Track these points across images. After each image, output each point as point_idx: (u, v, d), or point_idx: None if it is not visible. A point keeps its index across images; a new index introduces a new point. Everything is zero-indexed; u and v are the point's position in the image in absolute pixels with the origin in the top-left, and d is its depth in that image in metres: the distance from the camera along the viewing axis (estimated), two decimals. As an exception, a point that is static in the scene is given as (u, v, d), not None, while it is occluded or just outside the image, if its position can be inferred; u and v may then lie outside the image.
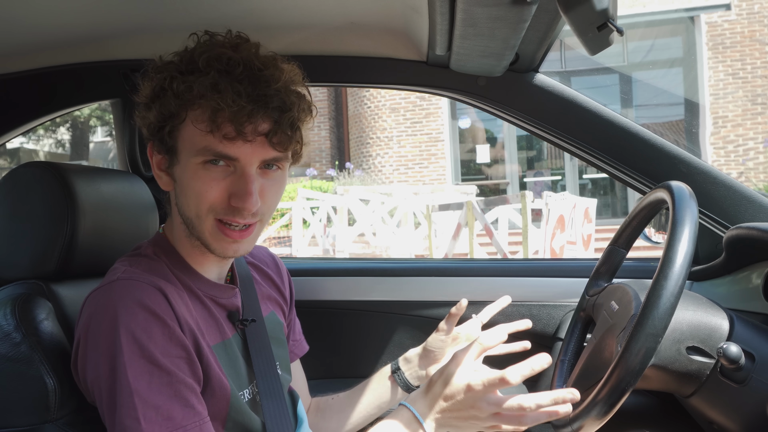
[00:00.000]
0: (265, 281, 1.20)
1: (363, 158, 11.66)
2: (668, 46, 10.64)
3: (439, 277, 1.61)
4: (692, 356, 0.97)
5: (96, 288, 0.90)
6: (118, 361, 0.83)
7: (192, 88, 0.88)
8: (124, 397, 0.83)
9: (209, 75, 0.88)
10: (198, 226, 0.93)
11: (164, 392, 0.84)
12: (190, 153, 0.91)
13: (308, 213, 8.72)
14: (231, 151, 0.89)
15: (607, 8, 0.83)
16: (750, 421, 0.93)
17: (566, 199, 6.79)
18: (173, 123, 0.91)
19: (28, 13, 1.14)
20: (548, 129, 1.37)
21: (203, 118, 0.88)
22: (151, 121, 0.94)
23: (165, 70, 0.92)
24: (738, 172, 9.75)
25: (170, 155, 0.94)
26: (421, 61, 1.38)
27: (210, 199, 0.91)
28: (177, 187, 0.95)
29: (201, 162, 0.90)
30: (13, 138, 1.50)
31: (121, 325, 0.84)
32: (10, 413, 0.89)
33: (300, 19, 1.28)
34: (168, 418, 0.84)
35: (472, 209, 6.73)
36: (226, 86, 0.87)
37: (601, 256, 1.23)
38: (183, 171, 0.93)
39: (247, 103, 0.87)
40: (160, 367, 0.85)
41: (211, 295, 1.00)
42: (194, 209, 0.92)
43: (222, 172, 0.91)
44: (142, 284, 0.88)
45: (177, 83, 0.89)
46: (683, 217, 0.88)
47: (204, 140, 0.89)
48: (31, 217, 1.02)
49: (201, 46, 0.93)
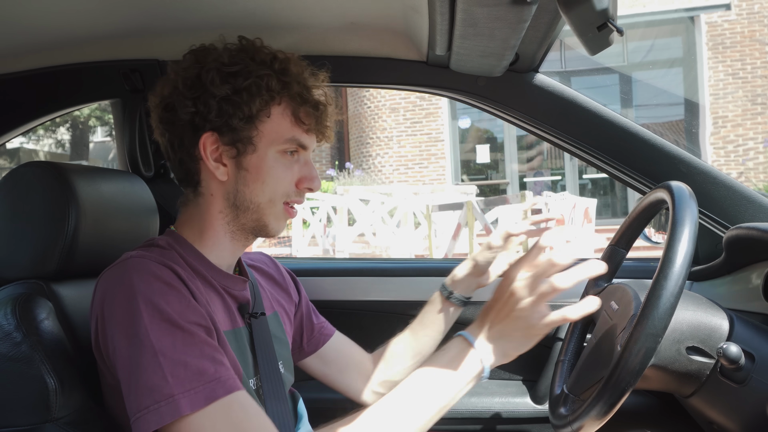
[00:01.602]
0: (268, 283, 1.23)
1: (363, 158, 11.66)
2: (668, 46, 10.64)
3: (439, 278, 1.60)
4: (692, 356, 0.97)
5: (108, 268, 0.92)
6: (138, 327, 0.84)
7: (287, 86, 0.99)
8: (147, 358, 0.82)
9: (292, 75, 1.00)
10: (266, 209, 1.01)
11: (190, 351, 0.84)
12: (273, 143, 1.00)
13: (308, 213, 8.71)
14: (307, 141, 1.03)
15: (607, 8, 0.83)
16: (750, 421, 0.93)
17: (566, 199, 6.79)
18: (262, 116, 0.99)
19: (28, 13, 1.14)
20: (548, 129, 1.37)
21: (288, 111, 1.00)
22: (242, 114, 0.97)
23: (244, 65, 0.98)
24: (738, 172, 9.75)
25: (243, 145, 0.99)
26: (421, 61, 1.38)
27: (286, 184, 1.01)
28: (246, 175, 1.00)
29: (281, 151, 1.00)
30: (13, 138, 1.50)
31: (138, 294, 0.86)
32: (10, 413, 0.89)
33: (300, 19, 1.29)
34: (199, 373, 0.83)
35: (472, 209, 6.73)
36: (307, 88, 1.01)
37: (601, 257, 1.23)
38: (261, 159, 1.00)
39: (324, 101, 1.03)
40: (182, 328, 0.85)
41: (224, 285, 1.03)
42: (270, 194, 1.01)
43: (294, 161, 1.03)
44: (155, 263, 0.91)
45: (273, 81, 0.98)
46: (683, 217, 0.89)
47: (291, 131, 1.01)
48: (32, 217, 1.02)
49: (259, 47, 1.01)
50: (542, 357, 1.54)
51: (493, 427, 1.50)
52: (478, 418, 1.50)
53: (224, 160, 1.00)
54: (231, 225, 1.03)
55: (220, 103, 0.97)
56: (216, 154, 0.99)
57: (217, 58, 0.98)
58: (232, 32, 1.05)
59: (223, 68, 0.97)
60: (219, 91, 0.96)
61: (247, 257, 1.24)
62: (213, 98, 0.96)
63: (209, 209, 1.02)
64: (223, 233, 1.03)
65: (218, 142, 0.99)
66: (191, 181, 1.03)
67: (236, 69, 0.97)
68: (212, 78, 0.96)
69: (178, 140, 1.00)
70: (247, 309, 1.06)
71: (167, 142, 1.02)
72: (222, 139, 0.98)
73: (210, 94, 0.96)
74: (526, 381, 1.59)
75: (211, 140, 0.98)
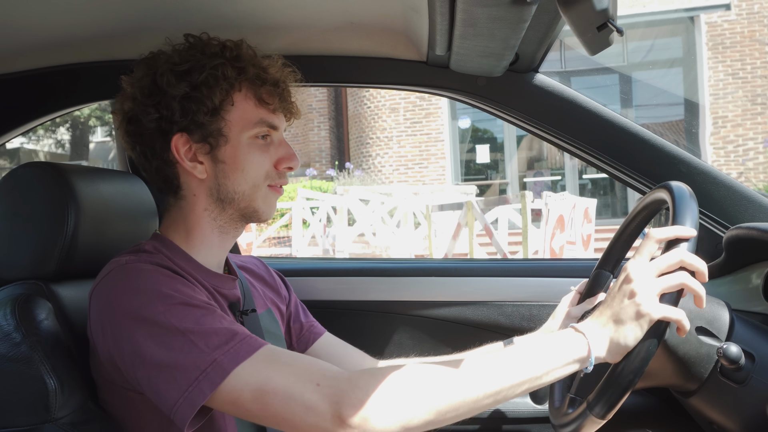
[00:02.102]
0: (258, 282, 1.24)
1: (363, 158, 11.66)
2: (668, 46, 10.64)
3: (439, 277, 1.61)
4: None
5: (101, 279, 0.92)
6: (158, 318, 0.84)
7: (244, 70, 0.99)
8: (178, 341, 0.83)
9: (246, 60, 1.00)
10: (252, 194, 1.02)
11: (215, 321, 0.86)
12: (243, 129, 1.00)
13: (308, 213, 8.72)
14: (276, 121, 1.04)
15: (607, 8, 0.83)
16: (750, 421, 0.93)
17: (566, 199, 6.79)
18: (226, 106, 0.99)
19: (28, 12, 1.14)
20: (548, 129, 1.37)
21: (251, 95, 1.01)
22: (205, 109, 0.97)
23: (196, 61, 0.98)
24: (738, 172, 9.75)
25: (214, 139, 0.99)
26: (421, 61, 1.38)
27: (266, 167, 1.02)
28: (224, 167, 1.00)
29: (253, 136, 1.01)
30: (13, 138, 1.50)
31: (146, 290, 0.87)
32: (10, 413, 0.89)
33: (300, 19, 1.28)
34: (232, 335, 0.84)
35: (472, 209, 6.73)
36: (263, 69, 1.01)
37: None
38: (236, 148, 1.00)
39: (283, 80, 1.03)
40: (198, 306, 0.87)
41: (214, 284, 1.03)
42: (251, 180, 1.01)
43: (268, 143, 1.03)
44: (149, 264, 0.92)
45: (228, 69, 0.98)
46: (683, 217, 0.89)
47: (257, 114, 1.01)
48: (31, 217, 1.02)
49: (205, 41, 1.01)
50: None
51: (492, 427, 1.50)
52: (478, 418, 1.50)
53: (199, 157, 1.00)
54: (218, 220, 1.03)
55: (182, 103, 0.97)
56: (190, 154, 1.00)
57: (167, 60, 0.99)
58: (232, 32, 1.05)
59: (175, 68, 0.98)
60: (177, 91, 0.96)
61: (237, 260, 1.24)
62: (173, 99, 0.97)
63: (194, 209, 1.03)
64: (210, 230, 1.03)
65: (189, 142, 0.99)
66: (171, 186, 1.03)
67: (189, 66, 0.98)
68: (167, 80, 0.97)
69: (149, 149, 1.01)
70: (237, 307, 1.06)
71: (140, 154, 1.02)
72: (192, 137, 0.99)
73: (170, 96, 0.97)
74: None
75: (182, 141, 0.99)
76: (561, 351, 0.86)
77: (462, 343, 1.59)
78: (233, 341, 0.83)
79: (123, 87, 1.02)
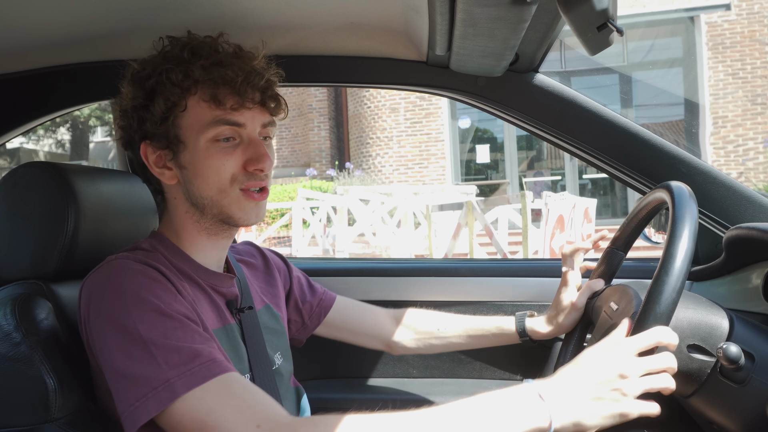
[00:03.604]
0: (256, 275, 1.24)
1: (363, 158, 11.65)
2: (668, 46, 10.63)
3: (439, 277, 1.61)
4: (693, 354, 0.97)
5: (92, 271, 0.93)
6: (127, 320, 0.84)
7: (191, 73, 0.95)
8: (139, 350, 0.82)
9: (200, 61, 0.96)
10: (221, 200, 0.99)
11: (182, 337, 0.84)
12: (199, 132, 0.97)
13: (308, 213, 8.71)
14: (238, 118, 0.98)
15: (607, 8, 0.83)
16: (750, 421, 0.93)
17: (566, 199, 6.79)
18: (176, 112, 0.96)
19: (27, 12, 1.14)
20: (548, 129, 1.37)
21: (205, 97, 0.96)
22: (154, 117, 0.97)
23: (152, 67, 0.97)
24: (738, 172, 9.75)
25: (174, 145, 0.98)
26: (421, 61, 1.38)
27: (230, 170, 0.98)
28: (187, 173, 0.99)
29: (211, 139, 0.97)
30: (12, 138, 1.50)
31: (125, 290, 0.86)
32: (10, 413, 0.89)
33: (300, 19, 1.28)
34: (194, 356, 0.83)
35: (472, 209, 6.73)
36: (218, 67, 0.96)
37: (600, 259, 1.23)
38: (194, 153, 0.97)
39: (242, 76, 0.96)
40: (171, 317, 0.86)
41: (211, 283, 1.03)
42: (216, 185, 0.98)
43: (231, 145, 0.98)
44: (139, 264, 0.92)
45: (174, 74, 0.95)
46: (683, 217, 0.89)
47: (212, 114, 0.97)
48: (31, 217, 1.02)
49: (176, 43, 0.99)
50: (542, 357, 1.54)
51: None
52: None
53: (167, 163, 1.00)
54: (201, 222, 1.03)
55: (138, 112, 0.98)
56: (160, 161, 1.00)
57: (134, 68, 1.00)
58: (231, 32, 1.05)
59: (136, 76, 0.99)
60: (135, 101, 0.98)
61: (234, 251, 1.25)
62: (133, 110, 0.99)
63: (177, 212, 1.04)
64: (197, 232, 1.03)
65: (156, 149, 1.00)
66: (157, 189, 1.06)
67: (146, 73, 0.98)
68: (128, 90, 0.99)
69: (135, 156, 1.03)
70: (235, 305, 1.07)
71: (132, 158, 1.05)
72: (155, 145, 1.00)
73: (131, 107, 0.99)
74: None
75: (150, 149, 1.00)
76: (522, 420, 0.79)
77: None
78: (192, 363, 0.82)
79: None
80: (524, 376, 1.59)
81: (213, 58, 0.97)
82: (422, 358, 1.58)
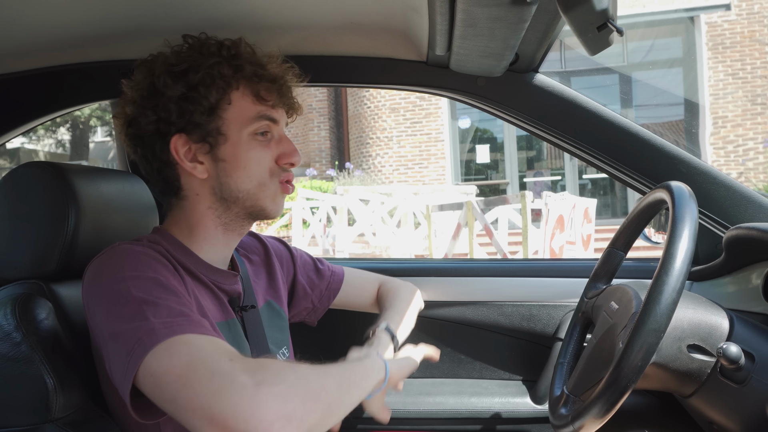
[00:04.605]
0: (258, 271, 1.23)
1: (363, 158, 11.65)
2: (668, 46, 10.63)
3: (439, 277, 1.61)
4: (693, 354, 0.97)
5: (95, 257, 0.93)
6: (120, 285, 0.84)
7: (242, 69, 0.99)
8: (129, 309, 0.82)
9: (247, 58, 1.01)
10: (258, 192, 1.02)
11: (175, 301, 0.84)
12: (243, 126, 1.00)
13: (308, 213, 8.71)
14: (276, 115, 1.03)
15: (607, 8, 0.83)
16: (750, 421, 0.93)
17: (566, 199, 6.78)
18: (223, 105, 0.99)
19: (28, 12, 1.14)
20: (548, 129, 1.37)
21: (249, 93, 1.01)
22: (202, 108, 0.97)
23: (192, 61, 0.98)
24: (738, 172, 9.75)
25: (213, 138, 0.99)
26: (421, 61, 1.38)
27: (269, 164, 1.02)
28: (226, 166, 1.00)
29: (252, 133, 1.00)
30: (13, 138, 1.50)
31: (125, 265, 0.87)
32: (10, 413, 0.89)
33: (300, 19, 1.28)
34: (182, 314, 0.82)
35: (472, 209, 6.73)
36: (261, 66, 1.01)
37: (600, 258, 1.23)
38: (236, 146, 1.00)
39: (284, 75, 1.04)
40: (167, 287, 0.86)
41: (213, 279, 1.03)
42: (257, 177, 1.01)
43: (267, 140, 1.03)
44: (141, 246, 0.93)
45: (225, 68, 0.99)
46: (683, 217, 0.89)
47: (255, 109, 1.01)
48: (31, 217, 1.02)
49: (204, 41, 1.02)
50: (542, 357, 1.54)
51: (493, 427, 1.50)
52: (478, 418, 1.50)
53: (199, 157, 1.00)
54: (222, 217, 1.03)
55: (179, 103, 0.97)
56: (190, 155, 1.00)
57: (165, 61, 1.00)
58: (232, 32, 1.06)
59: (172, 69, 0.98)
60: (174, 92, 0.97)
61: (239, 245, 1.24)
62: (170, 101, 0.97)
63: (196, 208, 1.03)
64: (214, 227, 1.04)
65: (189, 143, 0.99)
66: (172, 188, 1.04)
67: (185, 66, 0.98)
68: (164, 82, 0.98)
69: (150, 152, 1.01)
70: (237, 302, 1.07)
71: (141, 156, 1.03)
72: (191, 138, 0.99)
73: (167, 98, 0.97)
74: (526, 381, 1.59)
75: (181, 142, 0.99)
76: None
77: (462, 343, 1.60)
78: (181, 318, 0.81)
79: (123, 90, 1.03)
80: (524, 376, 1.60)
81: (254, 57, 1.02)
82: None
